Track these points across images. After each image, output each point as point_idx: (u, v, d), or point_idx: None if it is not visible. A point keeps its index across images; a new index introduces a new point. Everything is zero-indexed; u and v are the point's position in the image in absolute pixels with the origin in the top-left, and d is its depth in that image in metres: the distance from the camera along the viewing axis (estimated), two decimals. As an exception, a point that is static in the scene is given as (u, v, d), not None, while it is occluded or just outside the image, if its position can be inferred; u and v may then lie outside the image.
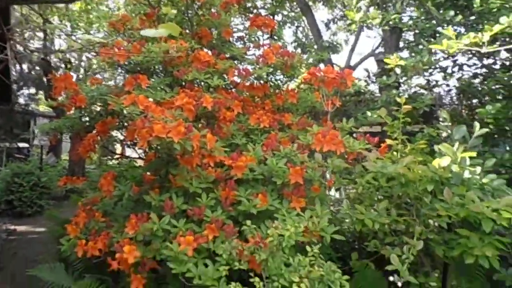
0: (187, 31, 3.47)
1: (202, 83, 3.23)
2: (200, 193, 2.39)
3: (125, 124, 3.74)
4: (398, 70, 3.06)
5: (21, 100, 12.33)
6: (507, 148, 3.64)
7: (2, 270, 5.49)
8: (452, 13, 3.11)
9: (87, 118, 4.33)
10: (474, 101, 4.28)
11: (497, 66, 3.84)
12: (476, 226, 2.14)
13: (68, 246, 2.62)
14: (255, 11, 4.17)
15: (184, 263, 1.95)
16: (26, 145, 12.55)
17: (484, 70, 3.83)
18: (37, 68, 11.28)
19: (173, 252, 1.97)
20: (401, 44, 4.26)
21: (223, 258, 1.97)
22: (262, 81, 3.98)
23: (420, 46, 3.55)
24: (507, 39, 2.82)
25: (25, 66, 11.28)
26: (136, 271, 2.25)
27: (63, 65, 10.80)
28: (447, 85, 3.92)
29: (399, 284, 1.77)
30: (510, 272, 2.29)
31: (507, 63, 3.52)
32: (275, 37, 4.33)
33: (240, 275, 2.08)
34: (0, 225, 7.41)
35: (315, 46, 5.43)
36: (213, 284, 1.89)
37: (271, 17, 4.13)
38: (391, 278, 1.81)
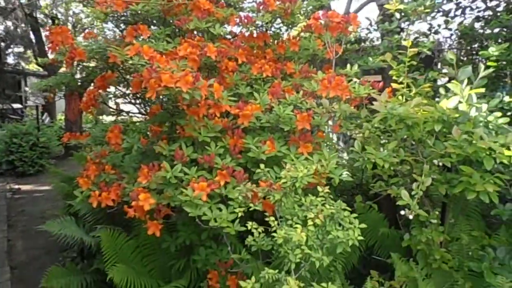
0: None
1: (202, 33, 3.16)
2: (208, 142, 2.43)
3: (125, 77, 3.71)
4: (398, 15, 3.00)
5: (10, 60, 12.02)
6: (506, 91, 3.69)
7: (11, 227, 5.65)
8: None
9: (83, 74, 4.27)
10: (475, 46, 4.26)
11: (501, 8, 3.78)
12: (478, 165, 2.23)
13: (82, 198, 2.69)
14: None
15: (199, 207, 2.03)
16: (19, 105, 12.40)
17: (487, 12, 3.77)
18: (23, 25, 10.88)
19: (188, 197, 2.04)
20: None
21: (236, 201, 2.05)
22: (261, 30, 3.91)
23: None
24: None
25: (10, 24, 10.88)
26: (152, 217, 2.34)
27: (50, 21, 10.41)
28: (449, 29, 3.86)
29: (410, 217, 1.88)
30: (507, 207, 2.41)
31: None
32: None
33: (252, 218, 2.18)
34: (4, 184, 7.52)
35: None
36: (228, 225, 1.99)
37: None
38: (402, 212, 1.91)
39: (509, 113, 2.99)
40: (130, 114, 4.38)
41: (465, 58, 4.24)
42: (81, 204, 3.72)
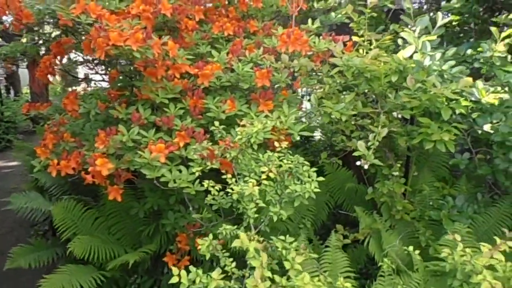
0: None
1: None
2: (167, 104, 2.36)
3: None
4: None
5: (-35, 31, 11.26)
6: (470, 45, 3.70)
7: (-20, 203, 5.49)
8: None
9: (40, 42, 4.03)
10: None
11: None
12: (437, 117, 2.26)
13: (40, 167, 2.61)
14: None
15: (157, 169, 1.99)
16: (-21, 80, 11.78)
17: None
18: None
19: (145, 159, 1.99)
20: None
21: (196, 162, 2.02)
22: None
23: None
24: None
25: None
26: (112, 183, 2.29)
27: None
28: (415, -17, 3.81)
29: (366, 167, 1.89)
30: (464, 157, 2.47)
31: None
32: None
33: (217, 178, 2.16)
34: (-30, 162, 7.25)
35: None
36: (188, 185, 1.96)
37: None
38: (357, 163, 1.92)
39: (476, 64, 2.99)
40: (94, 82, 4.21)
41: (432, 13, 4.21)
42: (44, 176, 3.64)
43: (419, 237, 2.62)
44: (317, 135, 4.82)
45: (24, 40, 4.01)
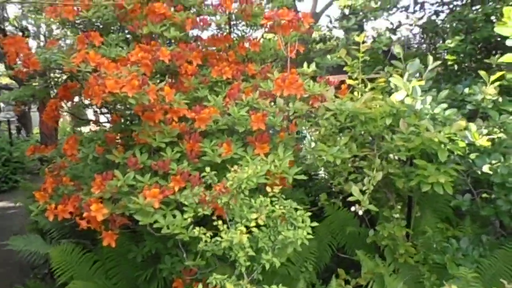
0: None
1: (162, 37, 3.12)
2: (164, 148, 2.38)
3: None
4: (347, 11, 3.01)
5: (-19, 74, 11.73)
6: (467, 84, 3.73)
7: (-16, 244, 5.47)
8: None
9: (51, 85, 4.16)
10: (438, 40, 4.31)
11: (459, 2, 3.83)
12: (434, 157, 2.23)
13: (38, 212, 2.61)
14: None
15: (150, 215, 1.98)
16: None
17: (446, 7, 3.82)
18: (-8, 38, 10.61)
19: (139, 205, 1.98)
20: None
21: (190, 207, 2.01)
22: (227, 32, 3.88)
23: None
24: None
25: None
26: (107, 228, 2.28)
27: (20, 33, 10.19)
28: (410, 25, 3.90)
29: (360, 212, 1.85)
30: (465, 198, 2.42)
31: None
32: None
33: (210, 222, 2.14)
34: (-24, 202, 7.30)
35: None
36: (181, 232, 1.94)
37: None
38: (352, 208, 1.89)
39: (469, 106, 3.01)
40: (99, 124, 4.29)
41: (429, 53, 4.28)
42: (44, 218, 3.63)
43: (423, 282, 2.51)
44: (322, 172, 4.77)
45: (35, 83, 4.16)
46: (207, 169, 1.96)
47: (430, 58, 2.14)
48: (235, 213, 1.79)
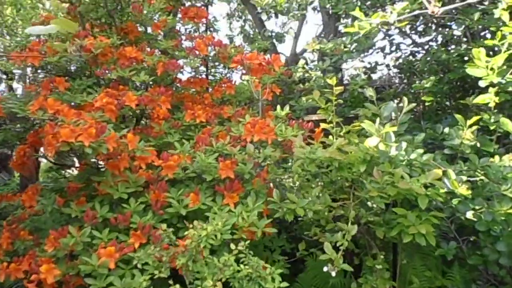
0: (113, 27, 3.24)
1: (131, 81, 3.03)
2: (127, 199, 2.21)
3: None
4: (315, 55, 2.97)
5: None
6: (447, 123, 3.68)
7: None
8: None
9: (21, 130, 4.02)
10: (415, 80, 4.31)
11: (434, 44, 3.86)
12: (415, 203, 2.10)
13: (-12, 271, 2.37)
14: (188, 3, 4.00)
15: (104, 277, 1.78)
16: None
17: (420, 47, 3.84)
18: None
19: (91, 266, 1.79)
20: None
21: (152, 265, 1.82)
22: (202, 75, 3.84)
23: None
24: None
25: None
26: (61, 291, 2.06)
27: (4, 76, 10.13)
28: (387, 66, 3.90)
29: (333, 274, 1.68)
30: (451, 246, 2.26)
31: (440, 39, 3.54)
32: (211, 29, 4.18)
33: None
34: None
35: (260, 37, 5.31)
36: (138, 295, 1.74)
37: (205, 8, 3.97)
38: (325, 269, 1.71)
39: (447, 150, 2.92)
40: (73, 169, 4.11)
41: (407, 93, 4.27)
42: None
43: None
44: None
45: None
46: (163, 225, 1.79)
47: (405, 100, 2.06)
48: (197, 273, 1.61)
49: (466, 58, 2.93)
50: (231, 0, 7.37)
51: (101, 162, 2.98)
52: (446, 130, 2.97)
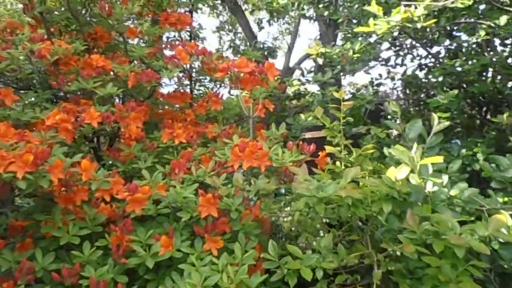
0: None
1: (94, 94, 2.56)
2: (80, 244, 1.72)
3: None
4: (320, 61, 2.55)
5: None
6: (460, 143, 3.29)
7: None
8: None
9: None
10: (422, 96, 3.94)
11: (443, 55, 3.50)
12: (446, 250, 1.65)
13: None
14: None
15: None
16: None
17: (430, 60, 3.47)
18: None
19: None
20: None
21: None
22: (186, 89, 3.41)
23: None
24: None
25: None
26: None
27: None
28: (392, 79, 3.52)
29: None
30: (491, 302, 1.80)
31: (453, 48, 3.17)
32: (196, 38, 3.75)
33: None
34: None
35: (251, 49, 4.93)
36: None
37: (189, 14, 3.56)
38: None
39: (468, 168, 2.52)
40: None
41: (411, 109, 3.88)
42: None
43: None
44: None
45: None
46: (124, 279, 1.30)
47: (435, 117, 1.63)
48: None
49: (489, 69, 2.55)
50: (220, 13, 7.03)
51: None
52: (463, 151, 2.57)
